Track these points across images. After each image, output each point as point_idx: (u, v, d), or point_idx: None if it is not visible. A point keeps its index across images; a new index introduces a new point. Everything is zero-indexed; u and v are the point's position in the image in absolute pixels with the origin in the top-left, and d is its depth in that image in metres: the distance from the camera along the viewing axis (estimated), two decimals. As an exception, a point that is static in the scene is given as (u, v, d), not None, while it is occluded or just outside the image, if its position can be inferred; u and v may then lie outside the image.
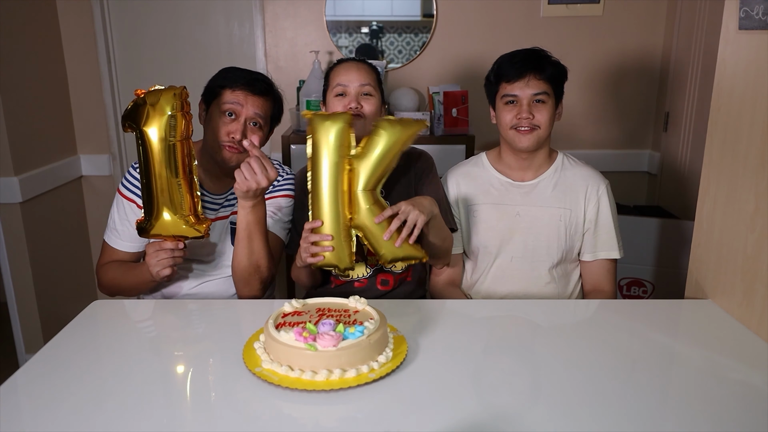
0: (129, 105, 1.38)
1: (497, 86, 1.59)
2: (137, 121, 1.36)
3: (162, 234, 1.41)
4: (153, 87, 1.38)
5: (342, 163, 1.37)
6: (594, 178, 1.64)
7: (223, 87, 1.53)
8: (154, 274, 1.42)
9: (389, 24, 2.73)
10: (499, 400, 1.00)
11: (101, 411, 0.96)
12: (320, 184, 1.38)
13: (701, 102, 2.36)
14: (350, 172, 1.38)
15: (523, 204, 1.63)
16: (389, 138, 1.38)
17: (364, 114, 1.52)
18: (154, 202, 1.39)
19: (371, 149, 1.38)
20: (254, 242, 1.47)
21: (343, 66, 1.57)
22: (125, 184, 1.56)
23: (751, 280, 1.25)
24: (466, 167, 1.70)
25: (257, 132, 1.55)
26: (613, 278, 1.65)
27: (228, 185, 1.62)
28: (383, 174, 1.40)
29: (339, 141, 1.37)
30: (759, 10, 1.21)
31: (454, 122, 2.40)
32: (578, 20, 2.67)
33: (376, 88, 1.57)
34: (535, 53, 1.58)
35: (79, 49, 2.69)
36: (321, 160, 1.38)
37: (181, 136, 1.37)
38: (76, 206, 2.82)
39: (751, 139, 1.25)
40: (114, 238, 1.58)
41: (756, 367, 1.10)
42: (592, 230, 1.63)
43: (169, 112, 1.35)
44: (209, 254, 1.62)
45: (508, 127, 1.57)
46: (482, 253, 1.66)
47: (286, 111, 2.80)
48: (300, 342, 1.03)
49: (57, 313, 2.57)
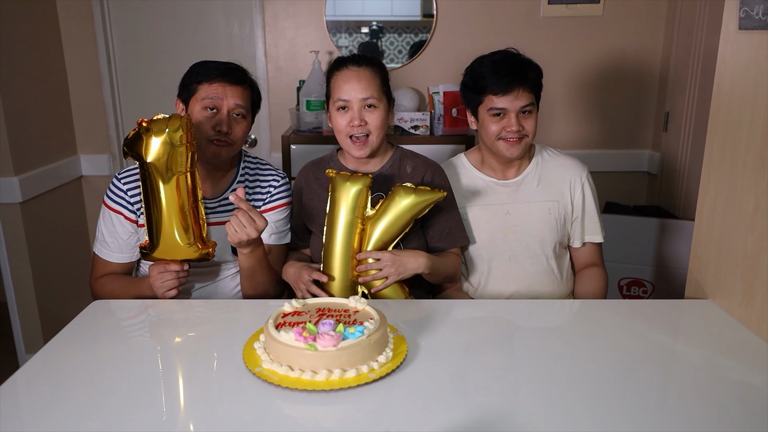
0: (130, 133, 1.35)
1: (481, 97, 1.57)
2: (140, 152, 1.34)
3: (166, 258, 1.42)
4: (156, 116, 1.35)
5: (356, 223, 1.43)
6: (575, 167, 1.66)
7: (200, 82, 1.51)
8: (159, 295, 1.43)
9: (389, 24, 2.72)
10: (499, 400, 1.00)
11: (101, 411, 0.96)
12: (334, 241, 1.44)
13: (701, 102, 2.36)
14: (362, 232, 1.44)
15: (511, 202, 1.64)
16: (403, 206, 1.42)
17: (369, 130, 1.48)
18: (159, 230, 1.38)
19: (384, 214, 1.43)
20: (257, 278, 1.51)
21: (344, 75, 1.49)
22: (110, 196, 1.54)
23: (751, 280, 1.25)
24: (448, 170, 1.67)
25: (242, 122, 1.54)
26: (601, 258, 1.72)
27: (222, 188, 1.60)
28: (393, 238, 1.45)
29: (356, 202, 1.42)
30: (759, 10, 1.21)
31: (454, 122, 2.40)
32: (578, 20, 2.67)
33: (380, 96, 1.49)
34: (517, 62, 1.55)
35: (79, 49, 2.69)
36: (337, 219, 1.43)
37: (187, 168, 1.36)
38: (76, 206, 2.81)
39: (751, 139, 1.25)
40: (105, 251, 1.56)
41: (756, 367, 1.10)
42: (579, 218, 1.66)
43: (176, 144, 1.33)
44: (207, 264, 1.58)
45: (494, 137, 1.57)
46: (476, 255, 1.66)
47: (286, 111, 2.78)
48: (300, 342, 1.03)
49: (57, 313, 2.57)
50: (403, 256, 1.44)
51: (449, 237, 1.58)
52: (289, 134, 2.43)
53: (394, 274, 1.41)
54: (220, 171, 1.59)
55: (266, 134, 2.81)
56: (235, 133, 1.52)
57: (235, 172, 1.62)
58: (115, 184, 1.54)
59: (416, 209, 1.42)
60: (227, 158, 1.56)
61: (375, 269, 1.42)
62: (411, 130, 2.43)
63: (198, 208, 1.42)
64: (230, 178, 1.61)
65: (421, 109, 2.60)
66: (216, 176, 1.59)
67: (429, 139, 2.41)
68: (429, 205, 1.43)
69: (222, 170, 1.60)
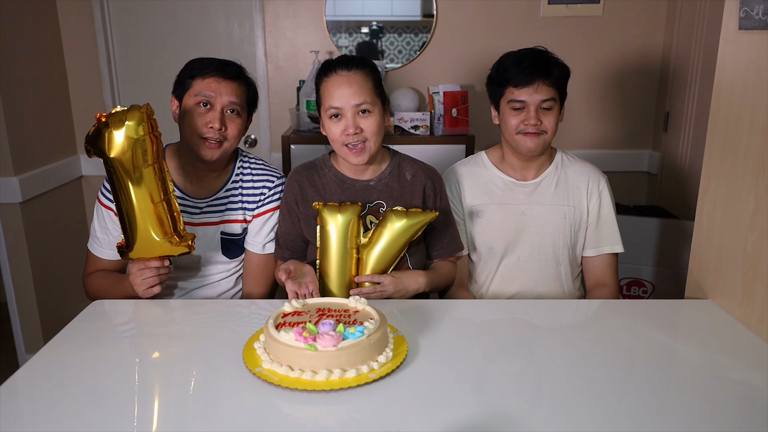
0: (90, 130, 1.27)
1: (503, 89, 1.57)
2: (102, 148, 1.27)
3: (145, 256, 1.37)
4: (115, 109, 1.28)
5: (351, 253, 1.41)
6: (593, 173, 1.65)
7: (193, 77, 1.47)
8: (140, 293, 1.38)
9: (389, 24, 2.72)
10: (499, 399, 1.00)
11: (101, 411, 0.96)
12: (330, 273, 1.42)
13: (701, 102, 2.36)
14: (358, 260, 1.43)
15: (527, 203, 1.63)
16: (396, 229, 1.40)
17: (365, 137, 1.42)
18: (132, 227, 1.32)
19: (378, 240, 1.42)
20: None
21: (333, 81, 1.41)
22: (103, 192, 1.53)
23: (751, 280, 1.25)
24: (467, 167, 1.69)
25: (236, 120, 1.49)
26: (615, 273, 1.66)
27: (210, 188, 1.56)
28: (391, 262, 1.44)
29: (347, 232, 1.40)
30: (759, 10, 1.21)
31: (454, 122, 2.40)
32: (578, 20, 2.67)
33: (374, 100, 1.42)
34: (542, 55, 1.55)
35: (79, 49, 2.69)
36: (330, 251, 1.42)
37: (153, 160, 1.29)
38: (76, 206, 2.82)
39: (751, 139, 1.25)
40: (96, 247, 1.55)
41: (756, 367, 1.10)
42: (594, 225, 1.63)
43: (137, 137, 1.26)
44: (196, 265, 1.57)
45: (514, 131, 1.56)
46: (488, 253, 1.65)
47: (286, 111, 2.78)
48: (300, 342, 1.03)
49: (57, 313, 2.57)
50: (404, 278, 1.43)
51: (449, 247, 1.58)
52: (289, 134, 2.43)
53: (396, 297, 1.41)
54: (215, 171, 1.56)
55: (266, 134, 2.81)
56: (228, 130, 1.47)
57: (230, 172, 1.59)
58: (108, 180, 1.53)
59: (410, 232, 1.41)
60: (220, 159, 1.51)
61: (376, 293, 1.40)
62: (411, 130, 2.43)
63: (170, 201, 1.35)
64: (224, 179, 1.58)
65: (421, 109, 2.60)
66: (210, 176, 1.56)
67: (429, 139, 2.41)
68: (423, 227, 1.42)
69: (216, 170, 1.57)
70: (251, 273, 1.61)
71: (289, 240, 1.55)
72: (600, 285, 1.64)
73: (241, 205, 1.58)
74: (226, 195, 1.58)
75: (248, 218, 1.59)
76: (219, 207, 1.56)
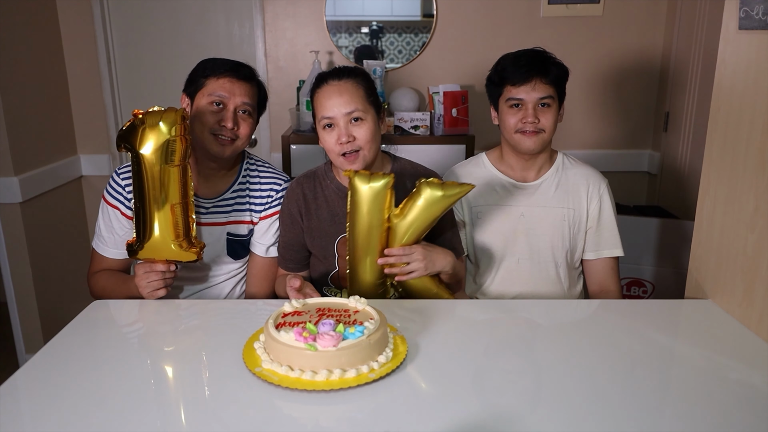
0: (125, 125, 1.33)
1: (501, 89, 1.58)
2: (134, 143, 1.32)
3: (153, 257, 1.38)
4: (152, 108, 1.33)
5: (381, 225, 1.35)
6: (594, 177, 1.64)
7: (207, 76, 1.49)
8: (144, 296, 1.39)
9: (389, 24, 2.73)
10: (499, 399, 1.00)
11: (101, 411, 0.96)
12: (359, 244, 1.37)
13: (701, 102, 2.36)
14: (388, 230, 1.37)
15: (526, 205, 1.63)
16: (430, 203, 1.34)
17: (359, 145, 1.41)
18: (147, 225, 1.35)
19: (410, 213, 1.35)
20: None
21: (325, 92, 1.43)
22: (109, 191, 1.53)
23: (751, 280, 1.25)
24: (467, 168, 1.70)
25: (247, 120, 1.51)
26: (617, 277, 1.66)
27: (217, 188, 1.57)
28: (421, 235, 1.39)
29: (379, 204, 1.34)
30: (759, 10, 1.21)
31: (454, 122, 2.40)
32: (578, 20, 2.67)
33: (366, 108, 1.42)
34: (540, 54, 1.56)
35: (79, 49, 2.69)
36: (360, 221, 1.35)
37: (180, 161, 1.34)
38: (76, 206, 2.82)
39: (751, 139, 1.25)
40: (102, 246, 1.56)
41: (756, 367, 1.10)
42: (594, 228, 1.63)
43: (169, 137, 1.31)
44: (201, 265, 1.57)
45: (512, 130, 1.57)
46: (487, 254, 1.65)
47: (286, 111, 2.79)
48: (300, 342, 1.03)
49: (57, 313, 2.57)
50: (434, 252, 1.40)
51: (453, 251, 1.56)
52: (289, 134, 2.43)
53: (422, 269, 1.37)
54: (222, 170, 1.57)
55: (266, 134, 2.82)
56: (240, 129, 1.50)
57: (237, 173, 1.60)
58: (114, 179, 1.53)
59: (444, 204, 1.35)
60: (231, 156, 1.53)
61: (403, 263, 1.37)
62: (411, 130, 2.43)
63: (188, 205, 1.38)
64: (231, 179, 1.59)
65: (421, 109, 2.60)
66: (217, 176, 1.57)
67: (429, 139, 2.41)
68: (457, 200, 1.37)
69: (224, 169, 1.58)
70: (255, 275, 1.62)
71: (293, 251, 1.56)
72: (604, 291, 1.65)
73: (248, 207, 1.59)
74: (233, 196, 1.58)
75: (255, 220, 1.60)
76: (226, 208, 1.57)
